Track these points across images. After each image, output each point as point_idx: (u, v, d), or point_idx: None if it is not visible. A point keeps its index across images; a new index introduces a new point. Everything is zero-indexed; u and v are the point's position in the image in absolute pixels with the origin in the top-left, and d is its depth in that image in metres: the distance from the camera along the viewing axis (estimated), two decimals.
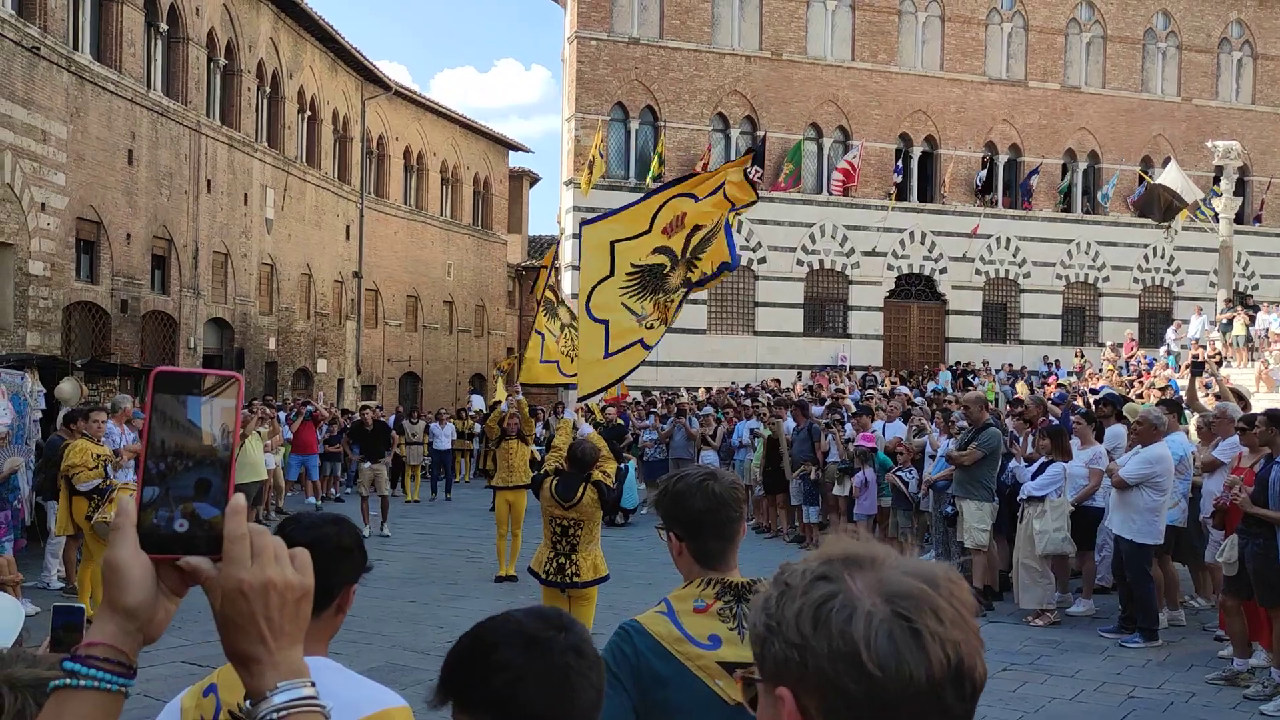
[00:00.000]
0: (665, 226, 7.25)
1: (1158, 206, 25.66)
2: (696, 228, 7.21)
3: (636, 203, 7.51)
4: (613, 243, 7.22)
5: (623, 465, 18.92)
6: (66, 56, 19.03)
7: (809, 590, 1.04)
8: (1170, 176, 25.38)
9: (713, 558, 2.53)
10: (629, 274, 7.25)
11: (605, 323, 7.27)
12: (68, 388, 14.13)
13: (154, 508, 1.07)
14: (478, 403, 28.57)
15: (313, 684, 1.10)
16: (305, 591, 1.10)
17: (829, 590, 1.03)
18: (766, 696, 1.07)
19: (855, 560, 1.06)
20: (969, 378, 28.02)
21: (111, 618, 1.06)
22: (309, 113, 30.20)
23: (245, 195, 26.11)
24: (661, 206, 7.32)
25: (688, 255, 7.22)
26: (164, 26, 22.71)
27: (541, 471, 7.61)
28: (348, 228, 32.34)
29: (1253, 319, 23.94)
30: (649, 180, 31.07)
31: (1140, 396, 17.67)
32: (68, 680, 1.03)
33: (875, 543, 1.10)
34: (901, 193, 33.63)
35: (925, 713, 1.00)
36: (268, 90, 27.76)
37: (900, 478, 12.90)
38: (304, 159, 29.81)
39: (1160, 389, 18.96)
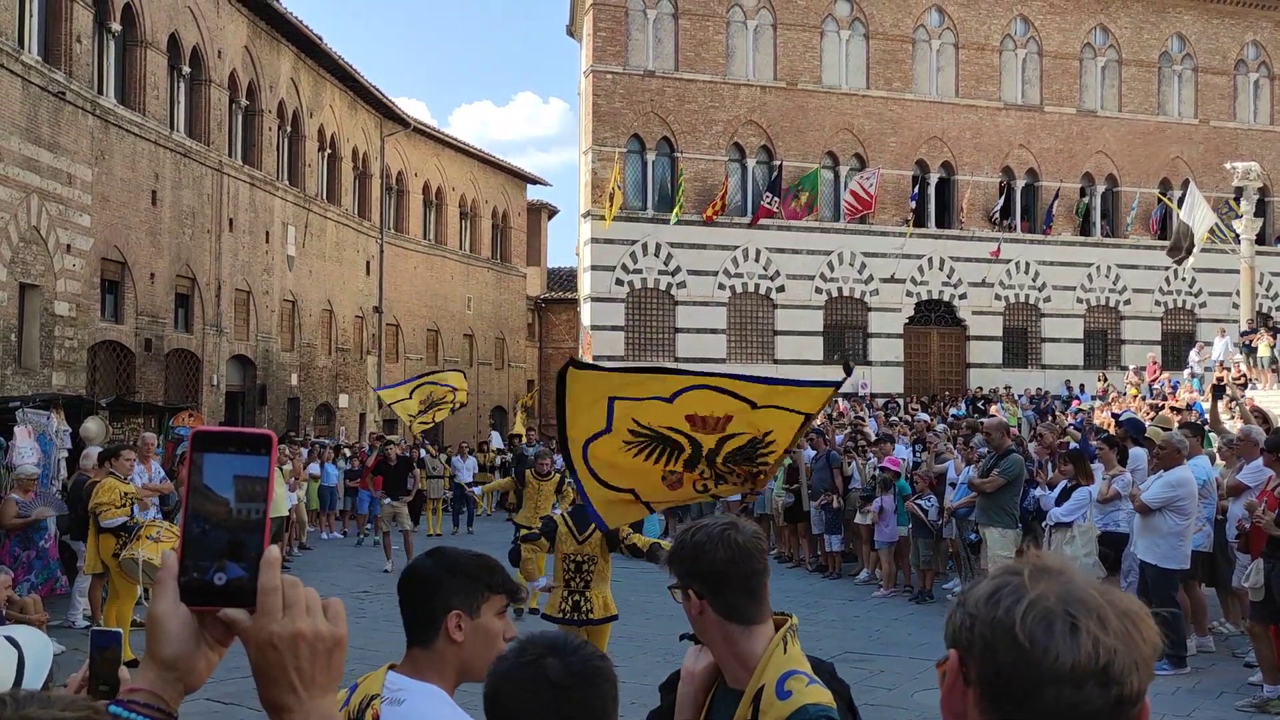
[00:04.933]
0: (692, 416, 5.70)
1: (1178, 248, 25.61)
2: (735, 434, 5.66)
3: (637, 370, 6.41)
4: (611, 399, 5.80)
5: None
6: (91, 100, 19.34)
7: (996, 578, 1.19)
8: (1190, 203, 25.27)
9: (743, 615, 2.29)
10: (635, 433, 5.83)
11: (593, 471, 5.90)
12: (93, 427, 14.25)
13: (195, 562, 1.10)
14: (496, 441, 28.62)
15: None
16: (337, 642, 1.12)
17: (1010, 579, 1.17)
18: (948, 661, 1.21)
19: (1048, 569, 1.18)
20: (976, 404, 27.82)
21: (152, 666, 1.10)
22: (329, 150, 30.54)
23: (267, 233, 26.39)
24: (690, 389, 5.70)
25: (718, 461, 5.78)
26: (187, 69, 23.06)
27: (551, 515, 7.52)
28: (368, 263, 32.60)
29: (1276, 340, 23.74)
30: (676, 211, 31.19)
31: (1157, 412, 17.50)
32: None
33: (1074, 564, 1.24)
34: (919, 219, 33.63)
35: (1065, 697, 1.09)
36: (288, 129, 28.11)
37: (919, 505, 12.83)
38: (324, 196, 30.11)
39: (1177, 410, 18.79)
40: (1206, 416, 14.59)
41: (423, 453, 22.00)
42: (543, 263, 45.30)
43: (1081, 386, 31.32)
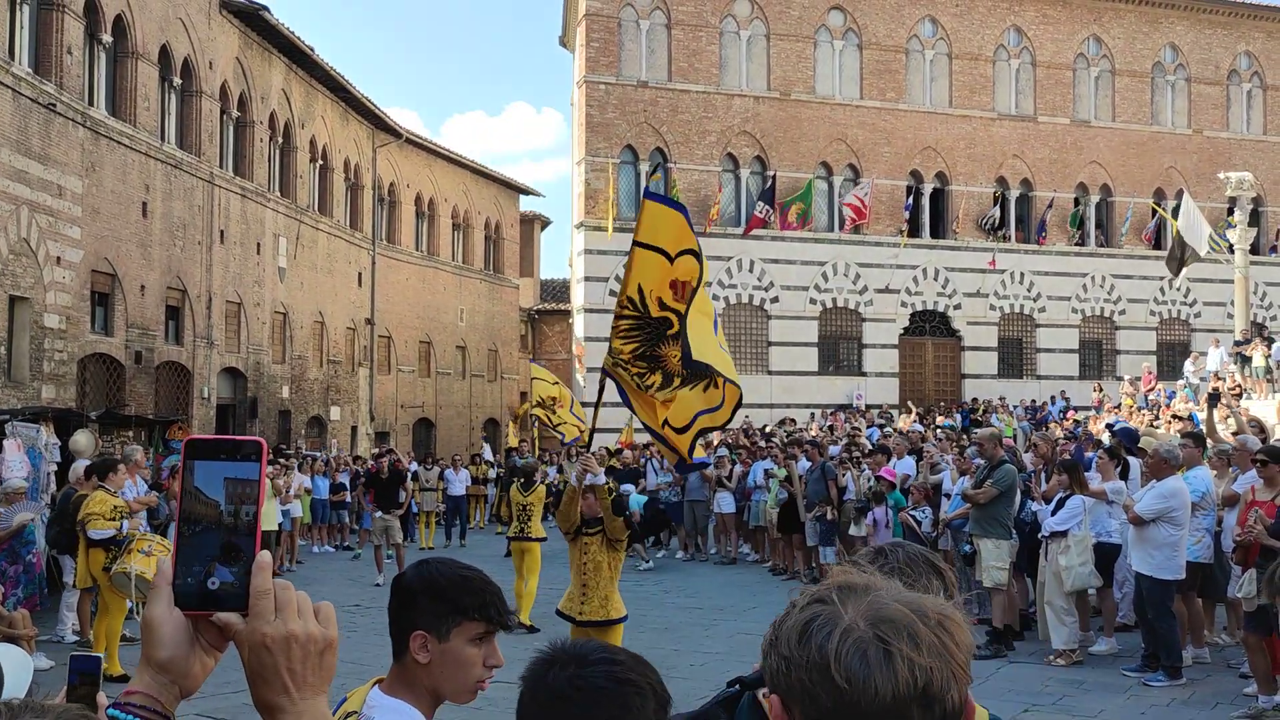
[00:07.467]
0: (674, 282, 6.02)
1: (1174, 260, 25.57)
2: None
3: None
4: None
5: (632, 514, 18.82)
6: (82, 112, 19.27)
7: (804, 609, 1.15)
8: (1185, 214, 25.24)
9: None
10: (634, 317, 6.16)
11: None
12: (83, 440, 14.15)
13: (188, 567, 1.13)
14: (487, 454, 28.55)
15: None
16: (328, 644, 1.15)
17: (819, 610, 1.14)
18: (767, 702, 1.19)
19: (851, 588, 1.16)
20: (972, 415, 27.77)
21: (148, 669, 1.13)
22: (321, 162, 30.47)
23: (258, 245, 26.30)
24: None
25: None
26: (178, 80, 23.00)
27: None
28: (360, 275, 32.51)
29: (1271, 350, 23.69)
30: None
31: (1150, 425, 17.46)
32: None
33: (878, 575, 1.21)
34: (913, 229, 33.63)
35: None
36: (280, 141, 28.04)
37: (913, 516, 12.77)
38: (316, 207, 30.04)
39: (1181, 419, 18.77)
40: (1202, 427, 14.55)
41: (415, 465, 21.92)
42: (536, 274, 45.29)
43: (1063, 395, 31.20)
